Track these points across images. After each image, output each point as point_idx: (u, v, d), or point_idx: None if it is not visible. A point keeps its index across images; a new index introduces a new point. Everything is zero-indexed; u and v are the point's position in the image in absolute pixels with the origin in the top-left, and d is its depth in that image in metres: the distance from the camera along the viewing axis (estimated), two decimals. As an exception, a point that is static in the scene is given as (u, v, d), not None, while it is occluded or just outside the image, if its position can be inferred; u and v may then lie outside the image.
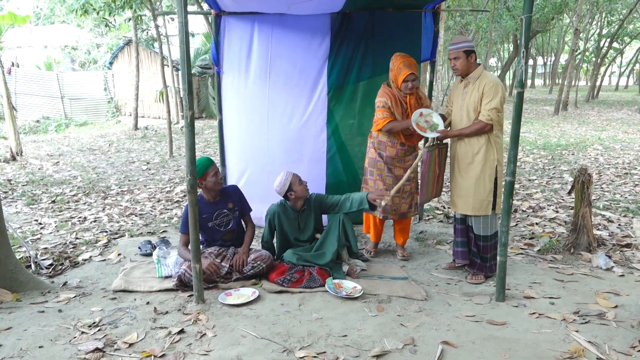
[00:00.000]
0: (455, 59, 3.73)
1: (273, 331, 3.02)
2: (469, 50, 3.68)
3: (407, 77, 3.94)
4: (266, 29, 4.69)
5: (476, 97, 3.68)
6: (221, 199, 3.95)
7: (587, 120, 16.59)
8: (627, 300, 3.42)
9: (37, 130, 16.64)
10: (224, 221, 3.95)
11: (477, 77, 3.72)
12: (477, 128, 3.67)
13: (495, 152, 3.73)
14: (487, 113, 3.63)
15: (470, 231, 3.91)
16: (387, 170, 4.22)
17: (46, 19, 29.43)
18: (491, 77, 3.70)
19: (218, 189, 3.89)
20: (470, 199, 3.77)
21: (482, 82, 3.68)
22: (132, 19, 13.47)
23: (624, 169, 8.13)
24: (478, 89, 3.68)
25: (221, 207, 3.93)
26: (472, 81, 3.73)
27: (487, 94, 3.63)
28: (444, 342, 2.87)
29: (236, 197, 4.03)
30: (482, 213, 3.77)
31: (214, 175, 3.81)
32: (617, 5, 22.17)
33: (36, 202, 6.46)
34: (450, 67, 3.83)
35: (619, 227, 5.07)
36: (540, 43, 38.80)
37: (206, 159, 3.85)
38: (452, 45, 3.74)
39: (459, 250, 3.98)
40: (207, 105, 17.55)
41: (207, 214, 3.90)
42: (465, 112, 3.75)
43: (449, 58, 3.82)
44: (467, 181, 3.78)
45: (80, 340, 2.93)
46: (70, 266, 4.19)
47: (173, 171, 8.74)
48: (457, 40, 3.73)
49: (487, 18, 17.96)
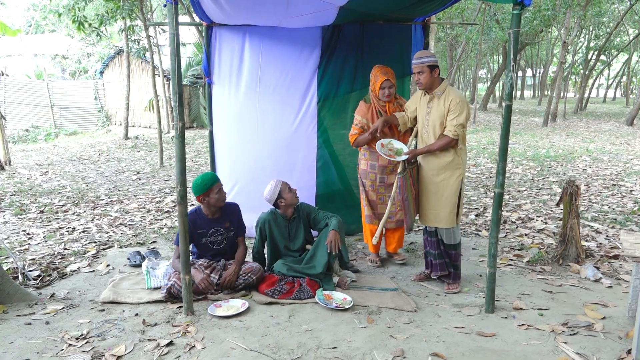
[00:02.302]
0: (420, 73, 3.73)
1: (263, 343, 3.01)
2: (432, 65, 3.71)
3: (383, 84, 4.06)
4: (257, 40, 4.72)
5: (442, 112, 3.72)
6: (220, 216, 3.92)
7: (575, 132, 16.77)
8: (614, 312, 3.44)
9: (26, 139, 16.51)
10: (217, 239, 3.93)
11: (442, 92, 3.75)
12: (444, 143, 3.71)
13: (461, 166, 3.80)
14: (453, 128, 3.67)
15: (440, 243, 3.94)
16: (379, 181, 4.30)
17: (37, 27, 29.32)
18: (457, 92, 3.76)
19: (219, 207, 3.87)
20: (439, 211, 3.83)
21: (448, 98, 3.71)
22: (124, 30, 13.46)
23: (612, 181, 8.21)
24: (444, 104, 3.71)
25: (217, 226, 3.91)
26: (437, 96, 3.76)
27: (454, 110, 3.67)
28: (433, 354, 2.88)
29: (235, 216, 4.00)
30: (450, 225, 3.83)
31: (217, 193, 3.79)
32: (605, 18, 22.52)
33: (24, 212, 6.40)
34: (415, 81, 3.84)
35: (607, 238, 5.11)
36: (529, 55, 39.27)
37: (212, 175, 3.83)
38: (417, 59, 3.74)
39: (437, 263, 3.98)
40: (198, 115, 17.53)
41: (203, 230, 3.88)
42: (431, 127, 3.80)
43: (413, 72, 3.83)
44: (436, 195, 3.83)
45: (67, 352, 2.90)
46: (58, 277, 4.15)
47: (163, 181, 8.71)
48: (422, 55, 3.75)
49: (477, 30, 18.18)
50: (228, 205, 3.98)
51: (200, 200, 3.80)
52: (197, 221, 3.84)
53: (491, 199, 6.89)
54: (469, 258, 4.63)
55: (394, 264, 4.51)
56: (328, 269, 3.95)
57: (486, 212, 6.34)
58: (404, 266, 4.46)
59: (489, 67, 39.66)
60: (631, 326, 3.17)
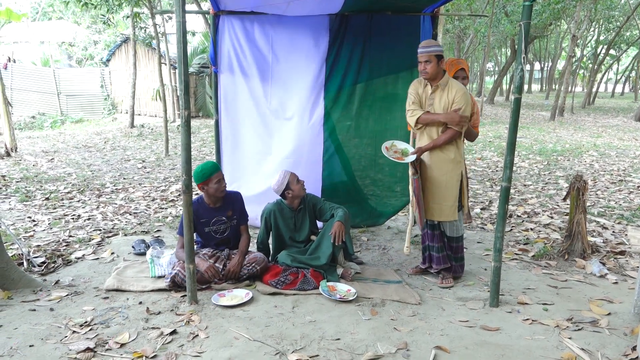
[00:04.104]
0: (427, 62, 3.62)
1: (266, 333, 3.01)
2: (439, 54, 3.63)
3: (457, 72, 4.01)
4: (265, 29, 4.68)
5: (446, 104, 3.68)
6: (222, 205, 3.92)
7: (582, 127, 16.65)
8: (620, 308, 3.42)
9: (33, 126, 16.55)
10: (220, 228, 3.93)
11: (446, 84, 3.70)
12: (449, 137, 3.68)
13: (461, 159, 3.78)
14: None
15: (443, 235, 3.91)
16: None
17: (44, 14, 29.31)
18: (460, 85, 3.72)
19: (219, 197, 3.86)
20: (442, 205, 3.79)
21: (452, 90, 3.67)
22: (130, 17, 13.42)
23: (619, 176, 8.15)
24: (448, 96, 3.67)
25: (220, 215, 3.91)
26: (441, 87, 3.71)
27: (459, 102, 3.63)
28: (437, 347, 2.87)
29: (237, 205, 3.99)
30: (453, 218, 3.81)
31: (217, 182, 3.78)
32: (615, 12, 22.28)
33: (30, 199, 6.42)
34: (419, 70, 3.71)
35: (613, 234, 5.08)
36: (538, 48, 38.96)
37: (212, 164, 3.82)
38: (424, 48, 3.63)
39: (439, 256, 3.92)
40: (204, 104, 17.50)
41: (206, 219, 3.88)
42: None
43: (419, 61, 3.68)
44: (439, 190, 3.79)
45: (71, 339, 2.91)
46: (62, 264, 4.16)
47: (169, 170, 8.71)
48: (429, 44, 3.65)
49: (486, 22, 18.03)
50: (230, 194, 3.98)
51: (200, 189, 3.81)
52: (199, 210, 3.84)
53: (497, 193, 6.86)
54: (474, 252, 4.61)
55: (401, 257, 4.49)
56: (332, 260, 3.94)
57: (492, 205, 6.31)
58: (409, 259, 4.45)
59: (496, 60, 39.37)
60: (637, 322, 3.15)
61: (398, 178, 5.09)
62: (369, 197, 5.26)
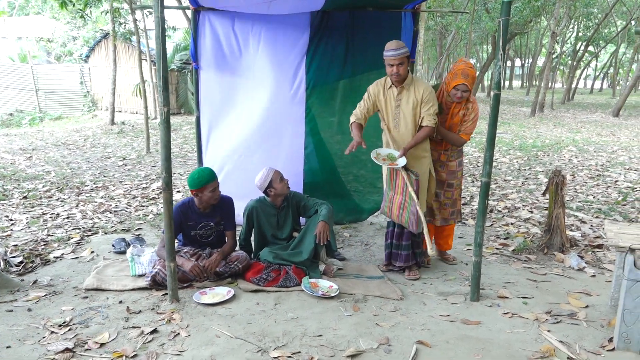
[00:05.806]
0: (400, 65, 3.58)
1: (248, 331, 3.00)
2: (408, 55, 3.66)
3: (458, 85, 3.72)
4: (245, 25, 4.65)
5: (414, 103, 3.71)
6: (211, 211, 3.87)
7: (562, 122, 16.88)
8: (597, 300, 3.48)
9: (10, 123, 16.22)
10: (206, 233, 3.90)
11: (411, 84, 3.74)
12: (427, 134, 3.74)
13: (428, 154, 3.86)
14: (431, 118, 3.70)
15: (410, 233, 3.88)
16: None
17: (21, 9, 28.73)
18: (425, 82, 3.77)
19: (212, 204, 3.82)
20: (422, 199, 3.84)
21: (418, 89, 3.70)
22: (109, 12, 13.22)
23: (597, 171, 8.29)
24: (416, 95, 3.70)
25: (208, 220, 3.86)
26: (407, 87, 3.74)
27: (427, 99, 3.68)
28: (418, 342, 2.89)
29: (226, 211, 3.93)
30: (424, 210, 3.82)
31: (211, 191, 3.72)
32: (593, 10, 22.59)
33: (7, 198, 6.30)
34: (389, 74, 3.69)
35: (591, 228, 5.16)
36: (518, 45, 39.32)
37: (209, 172, 3.75)
38: (396, 50, 3.56)
39: (407, 253, 3.91)
40: (186, 100, 17.34)
41: (193, 222, 3.84)
42: (402, 120, 3.78)
43: (390, 64, 3.62)
44: (423, 183, 3.83)
45: (49, 340, 2.87)
46: (41, 264, 4.10)
47: (150, 167, 8.62)
48: (399, 46, 3.57)
49: (467, 19, 18.15)
50: (222, 199, 3.91)
51: (193, 194, 3.75)
52: (188, 213, 3.80)
53: (478, 188, 6.92)
54: (455, 246, 4.64)
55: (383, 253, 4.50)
56: (315, 257, 3.94)
57: (473, 200, 6.36)
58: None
59: (478, 57, 39.65)
60: (613, 315, 3.20)
61: (380, 174, 5.09)
62: (351, 192, 5.26)
